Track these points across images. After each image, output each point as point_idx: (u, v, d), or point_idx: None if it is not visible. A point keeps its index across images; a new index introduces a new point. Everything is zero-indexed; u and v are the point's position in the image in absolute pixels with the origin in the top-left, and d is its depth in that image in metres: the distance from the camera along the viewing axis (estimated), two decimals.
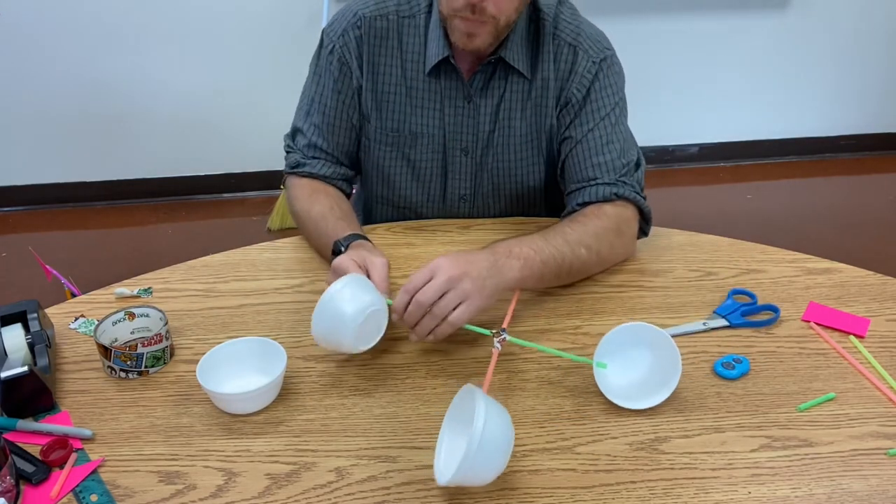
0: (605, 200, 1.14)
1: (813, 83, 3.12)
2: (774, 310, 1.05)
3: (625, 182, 1.15)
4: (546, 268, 1.03)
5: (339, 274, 0.98)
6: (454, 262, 0.93)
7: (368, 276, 0.99)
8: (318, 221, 1.16)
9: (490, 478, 0.75)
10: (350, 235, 1.10)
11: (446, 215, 1.31)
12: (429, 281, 0.91)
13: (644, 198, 1.17)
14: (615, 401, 0.89)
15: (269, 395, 0.89)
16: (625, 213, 1.14)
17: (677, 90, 3.02)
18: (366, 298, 0.91)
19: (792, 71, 3.07)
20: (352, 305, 0.90)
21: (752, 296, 1.08)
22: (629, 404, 0.89)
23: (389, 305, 0.95)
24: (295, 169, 1.25)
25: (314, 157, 1.24)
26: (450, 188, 1.28)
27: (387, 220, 1.34)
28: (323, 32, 1.22)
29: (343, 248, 1.07)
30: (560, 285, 1.10)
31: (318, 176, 1.24)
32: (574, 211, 1.16)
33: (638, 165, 1.19)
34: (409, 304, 0.92)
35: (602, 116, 1.17)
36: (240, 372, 0.91)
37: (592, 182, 1.16)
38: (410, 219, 1.32)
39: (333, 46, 1.20)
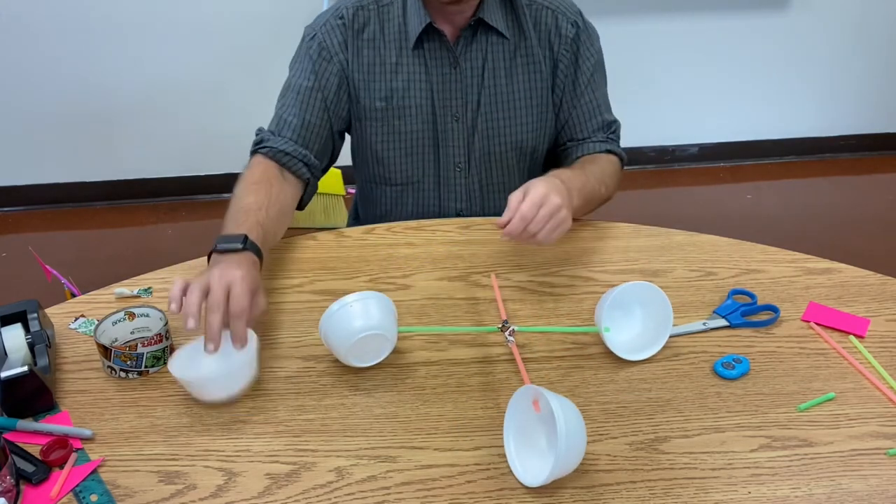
0: (599, 152, 1.31)
1: (812, 83, 3.12)
2: (774, 310, 1.05)
3: (612, 139, 1.33)
4: (581, 202, 1.15)
5: (234, 293, 0.90)
6: (558, 192, 1.04)
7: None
8: (239, 212, 1.06)
9: (575, 465, 0.79)
10: (245, 238, 0.98)
11: (442, 186, 1.33)
12: (539, 206, 1.01)
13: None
14: (626, 356, 0.97)
15: (243, 374, 0.89)
16: (618, 163, 1.33)
17: (677, 90, 3.02)
18: (371, 321, 0.91)
19: (792, 71, 3.07)
20: (356, 322, 0.91)
21: (752, 296, 1.08)
22: (637, 356, 0.97)
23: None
24: (257, 146, 1.21)
25: (279, 135, 1.21)
26: (443, 157, 1.31)
27: (386, 203, 1.37)
28: (305, 28, 1.28)
29: (242, 244, 0.97)
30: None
31: (279, 151, 1.19)
32: (577, 159, 1.31)
33: (615, 122, 1.35)
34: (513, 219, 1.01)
35: (587, 81, 1.30)
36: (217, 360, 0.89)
37: (587, 140, 1.32)
38: (408, 196, 1.34)
39: (315, 34, 1.25)
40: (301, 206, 1.24)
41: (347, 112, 1.29)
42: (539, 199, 1.02)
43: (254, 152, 1.22)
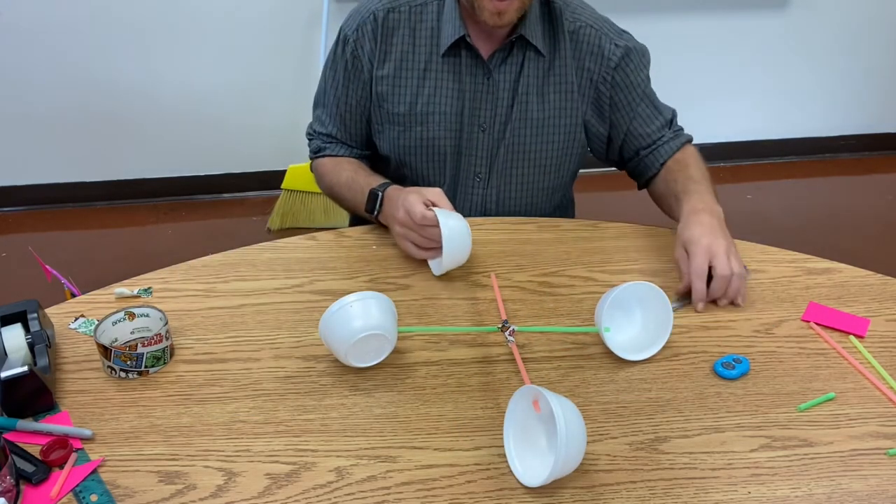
0: (677, 150, 1.30)
1: (813, 83, 3.12)
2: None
3: (679, 130, 1.33)
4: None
5: (408, 208, 1.09)
6: (722, 248, 1.05)
7: (433, 205, 1.09)
8: (349, 184, 1.27)
9: (575, 466, 0.79)
10: (383, 183, 1.20)
11: (459, 195, 1.33)
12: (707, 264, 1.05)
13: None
14: (626, 356, 0.96)
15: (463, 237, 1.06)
16: (695, 152, 1.31)
17: (677, 90, 2.99)
18: (371, 321, 0.91)
19: (792, 71, 3.07)
20: (356, 322, 0.91)
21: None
22: (637, 356, 0.97)
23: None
24: (317, 154, 1.37)
25: (331, 143, 1.35)
26: (464, 166, 1.31)
27: None
28: (340, 28, 1.29)
29: (380, 193, 1.18)
30: None
31: (338, 157, 1.35)
32: (660, 168, 1.30)
33: (673, 112, 1.35)
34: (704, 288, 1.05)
35: (641, 94, 1.29)
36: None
37: (658, 143, 1.30)
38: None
39: (348, 39, 1.27)
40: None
41: (376, 110, 1.30)
42: (723, 277, 1.05)
43: (314, 158, 1.38)
